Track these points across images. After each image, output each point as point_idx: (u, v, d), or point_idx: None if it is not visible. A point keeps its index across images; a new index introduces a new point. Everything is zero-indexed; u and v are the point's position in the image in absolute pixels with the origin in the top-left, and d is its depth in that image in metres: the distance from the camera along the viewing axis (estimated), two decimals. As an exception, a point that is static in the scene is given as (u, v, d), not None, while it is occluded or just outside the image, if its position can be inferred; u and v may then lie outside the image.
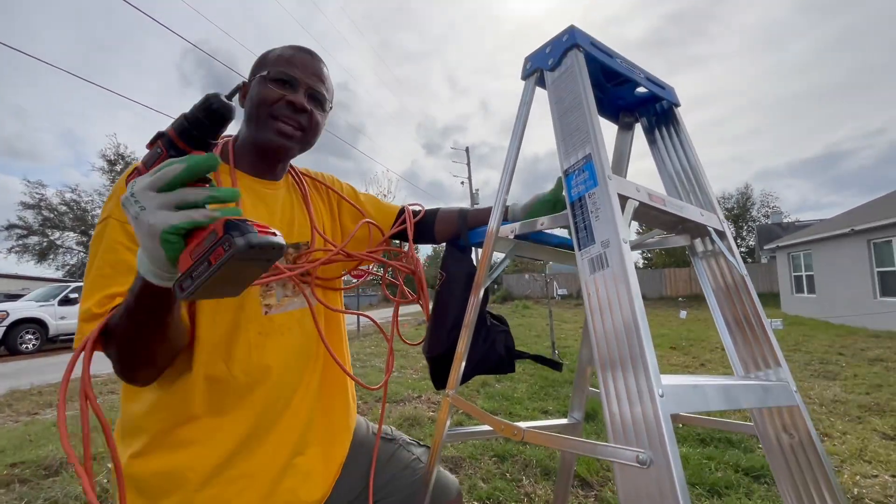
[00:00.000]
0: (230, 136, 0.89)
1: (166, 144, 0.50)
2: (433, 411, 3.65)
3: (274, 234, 0.46)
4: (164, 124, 0.52)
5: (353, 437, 0.96)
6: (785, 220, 27.78)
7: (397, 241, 1.08)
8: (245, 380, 0.75)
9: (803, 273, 13.94)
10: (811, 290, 13.31)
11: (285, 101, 0.80)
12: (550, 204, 0.89)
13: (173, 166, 0.47)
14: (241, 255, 0.42)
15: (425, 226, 1.05)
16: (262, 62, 0.84)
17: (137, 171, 0.51)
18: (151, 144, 0.51)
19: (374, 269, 1.04)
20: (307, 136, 0.85)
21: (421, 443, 1.03)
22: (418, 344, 0.98)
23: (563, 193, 0.67)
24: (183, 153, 0.50)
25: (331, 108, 0.91)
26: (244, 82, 0.84)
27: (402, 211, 1.07)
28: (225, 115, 0.50)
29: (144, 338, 0.60)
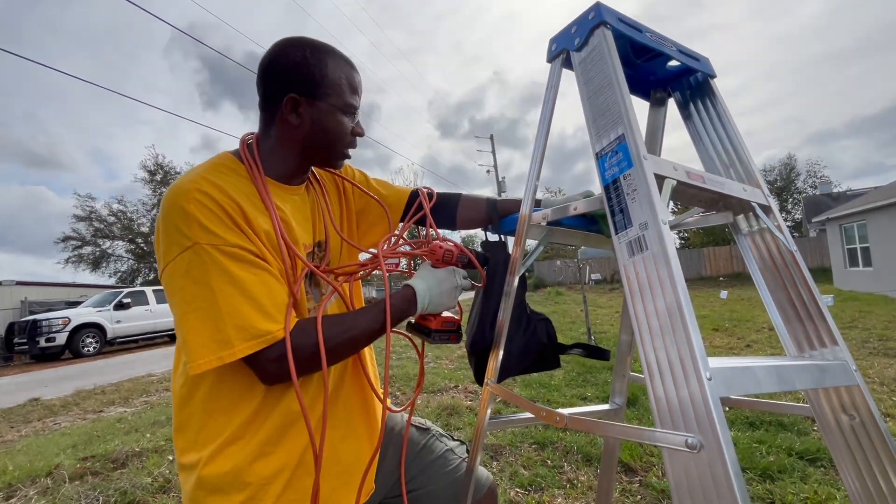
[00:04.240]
0: (252, 134, 0.84)
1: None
2: (471, 401, 3.68)
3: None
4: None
5: (387, 426, 0.96)
6: (835, 190, 26.02)
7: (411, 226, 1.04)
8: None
9: (857, 245, 13.07)
10: (867, 263, 12.48)
11: (353, 132, 0.85)
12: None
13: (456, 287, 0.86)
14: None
15: (445, 210, 1.03)
16: (322, 80, 0.78)
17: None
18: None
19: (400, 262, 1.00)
20: None
21: (455, 437, 1.03)
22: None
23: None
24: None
25: None
26: (291, 96, 0.77)
27: (414, 193, 1.04)
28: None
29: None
